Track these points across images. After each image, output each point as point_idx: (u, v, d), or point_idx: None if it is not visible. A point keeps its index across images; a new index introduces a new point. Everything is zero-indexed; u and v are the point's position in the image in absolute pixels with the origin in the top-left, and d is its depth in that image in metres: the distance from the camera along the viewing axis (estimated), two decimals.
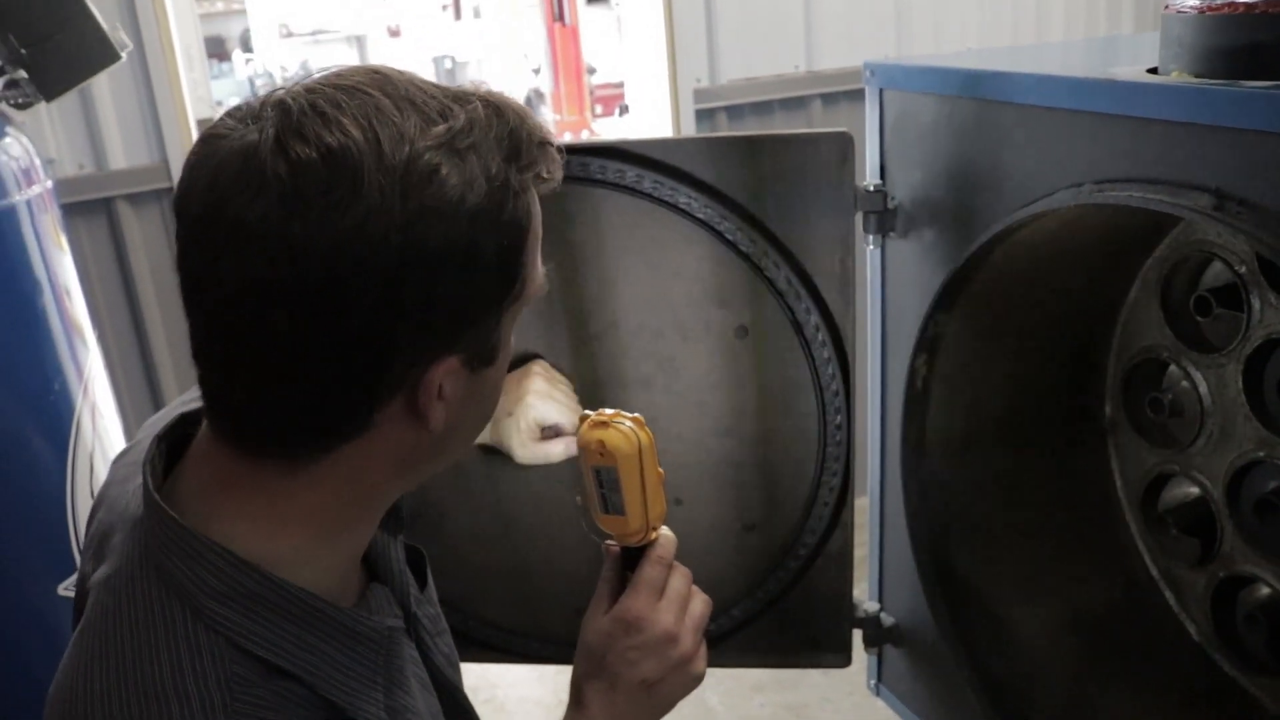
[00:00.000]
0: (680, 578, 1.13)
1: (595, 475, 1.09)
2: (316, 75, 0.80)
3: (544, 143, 0.84)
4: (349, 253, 0.73)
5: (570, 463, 1.49)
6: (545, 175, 0.85)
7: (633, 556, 1.13)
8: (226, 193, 0.74)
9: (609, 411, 1.10)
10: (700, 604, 1.14)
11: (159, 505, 0.83)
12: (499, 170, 0.78)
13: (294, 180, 0.72)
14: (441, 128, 0.77)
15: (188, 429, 0.92)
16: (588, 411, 1.12)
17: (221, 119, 0.78)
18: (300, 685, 0.82)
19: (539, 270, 0.89)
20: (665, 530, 1.14)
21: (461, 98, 0.80)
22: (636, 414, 1.11)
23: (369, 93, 0.76)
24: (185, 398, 1.05)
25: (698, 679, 1.12)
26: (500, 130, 0.80)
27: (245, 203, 0.73)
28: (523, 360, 1.56)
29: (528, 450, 1.51)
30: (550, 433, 1.51)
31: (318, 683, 0.83)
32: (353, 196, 0.73)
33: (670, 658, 1.08)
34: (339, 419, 0.80)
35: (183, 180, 0.78)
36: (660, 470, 1.12)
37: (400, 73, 0.81)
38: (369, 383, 0.78)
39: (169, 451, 0.91)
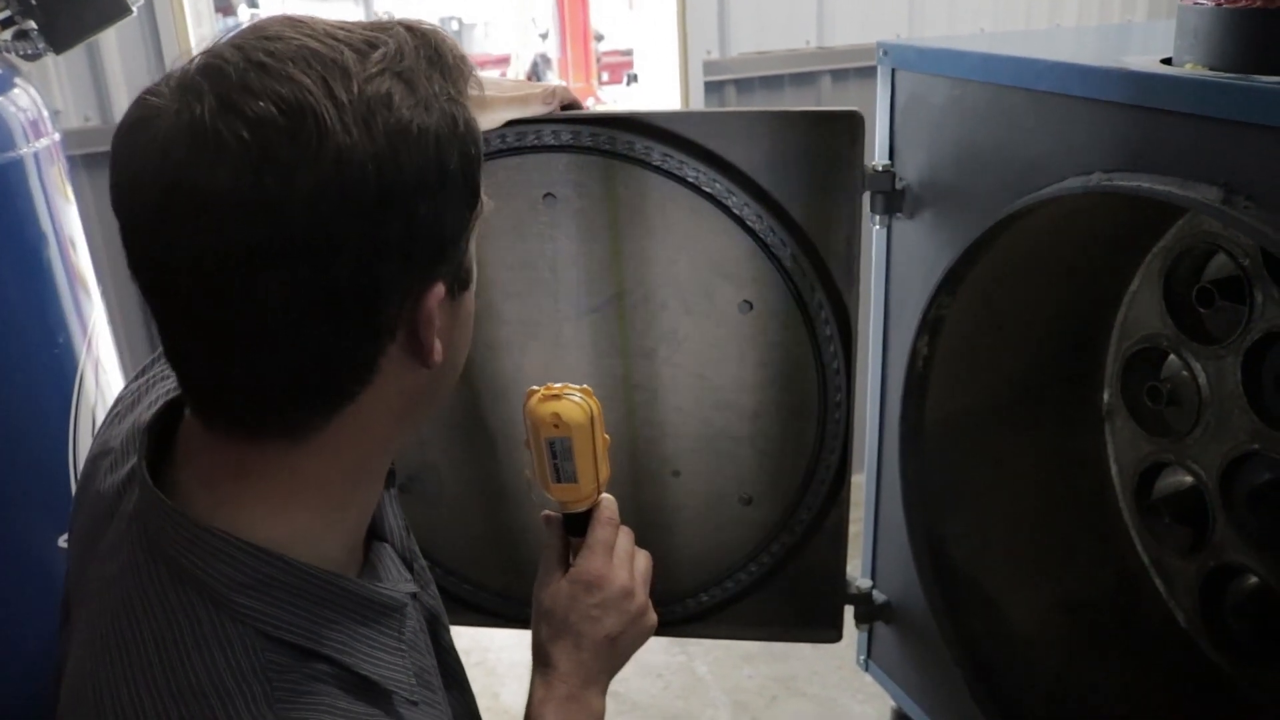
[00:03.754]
0: (625, 536, 1.17)
1: (549, 447, 1.11)
2: (230, 35, 0.76)
3: (462, 56, 0.82)
4: (330, 196, 0.70)
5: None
6: (472, 88, 0.83)
7: (575, 521, 1.16)
8: (183, 169, 0.70)
9: (557, 385, 1.12)
10: (644, 559, 1.18)
11: (161, 500, 0.80)
12: (440, 88, 0.77)
13: (255, 138, 0.69)
14: (377, 54, 0.75)
15: (173, 416, 0.88)
16: (534, 386, 1.13)
17: (143, 100, 0.73)
18: (331, 665, 0.81)
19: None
20: (607, 494, 1.17)
21: (380, 27, 0.78)
22: (584, 385, 1.13)
23: (294, 38, 0.74)
24: (152, 375, 1.02)
25: (651, 629, 1.16)
26: (427, 50, 0.78)
27: (207, 173, 0.69)
28: None
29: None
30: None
31: (348, 659, 0.82)
32: (320, 139, 0.70)
33: (629, 611, 1.12)
34: (344, 376, 0.78)
35: (122, 170, 0.73)
36: (606, 436, 1.14)
37: (309, 16, 0.78)
38: (368, 329, 0.76)
39: (157, 440, 0.87)
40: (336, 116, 0.70)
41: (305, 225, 0.70)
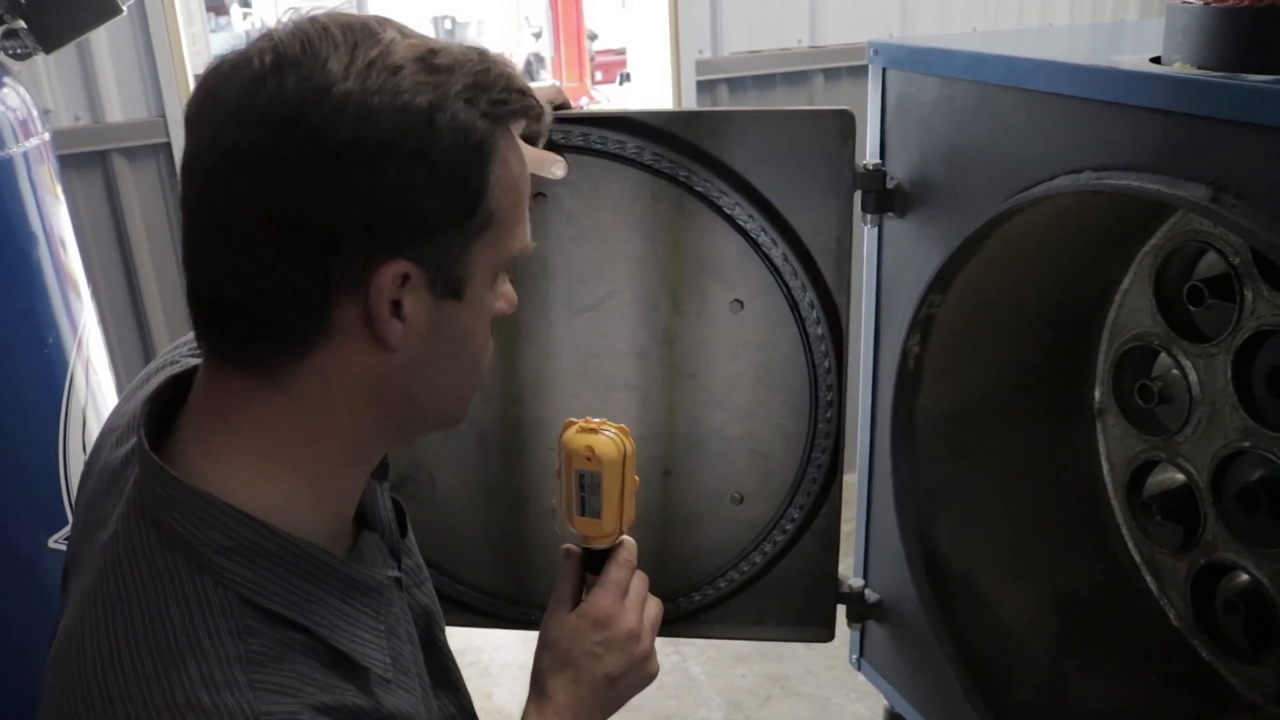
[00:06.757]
0: (640, 581, 1.18)
1: (578, 479, 1.13)
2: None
3: (523, 91, 0.86)
4: (303, 120, 0.77)
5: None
6: (524, 121, 0.88)
7: (594, 558, 1.17)
8: (219, 80, 0.81)
9: (595, 420, 1.14)
10: (655, 607, 1.18)
11: (156, 463, 0.83)
12: (466, 89, 0.81)
13: (274, 60, 0.78)
14: (419, 42, 0.82)
15: (178, 392, 0.92)
16: (573, 418, 1.15)
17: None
18: (307, 635, 0.83)
19: (524, 228, 0.90)
20: (628, 536, 1.18)
21: (452, 41, 0.85)
22: (622, 424, 1.15)
23: (364, 20, 0.83)
24: (164, 359, 1.05)
25: (652, 677, 1.17)
26: (480, 67, 0.83)
27: (227, 84, 0.79)
28: None
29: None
30: None
31: (324, 633, 0.84)
32: (320, 74, 0.78)
33: (632, 655, 1.13)
34: (297, 313, 0.80)
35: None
36: (635, 478, 1.16)
37: (401, 23, 0.86)
38: (320, 270, 0.79)
39: (160, 414, 0.90)
40: (342, 66, 0.78)
41: (276, 139, 0.77)
